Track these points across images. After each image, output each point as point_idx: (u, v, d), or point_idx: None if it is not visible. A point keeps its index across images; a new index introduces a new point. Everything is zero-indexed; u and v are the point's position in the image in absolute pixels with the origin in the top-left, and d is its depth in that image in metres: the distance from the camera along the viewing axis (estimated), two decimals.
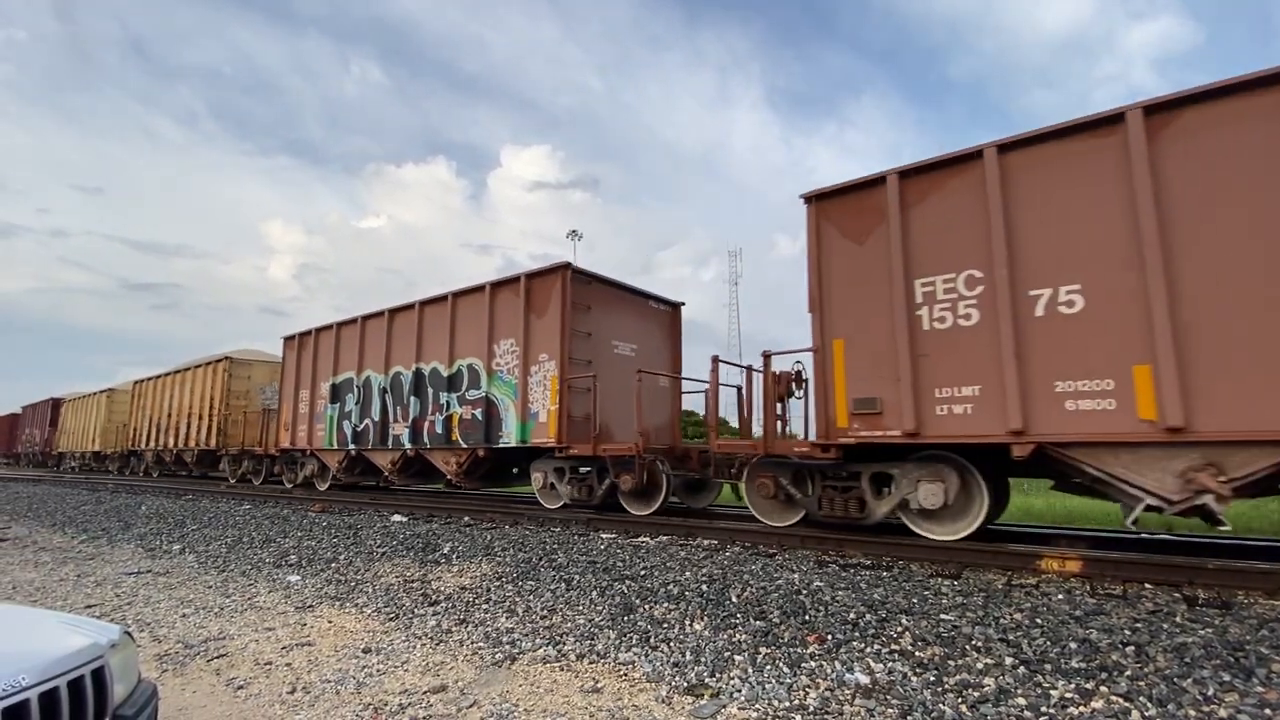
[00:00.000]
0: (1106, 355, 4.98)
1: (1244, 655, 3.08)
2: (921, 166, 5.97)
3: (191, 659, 3.81)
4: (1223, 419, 4.47)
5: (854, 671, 3.16)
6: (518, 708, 2.98)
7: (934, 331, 5.80)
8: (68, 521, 10.31)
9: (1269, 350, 4.33)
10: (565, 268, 9.05)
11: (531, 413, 9.15)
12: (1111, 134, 5.09)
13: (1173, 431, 4.61)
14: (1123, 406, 4.89)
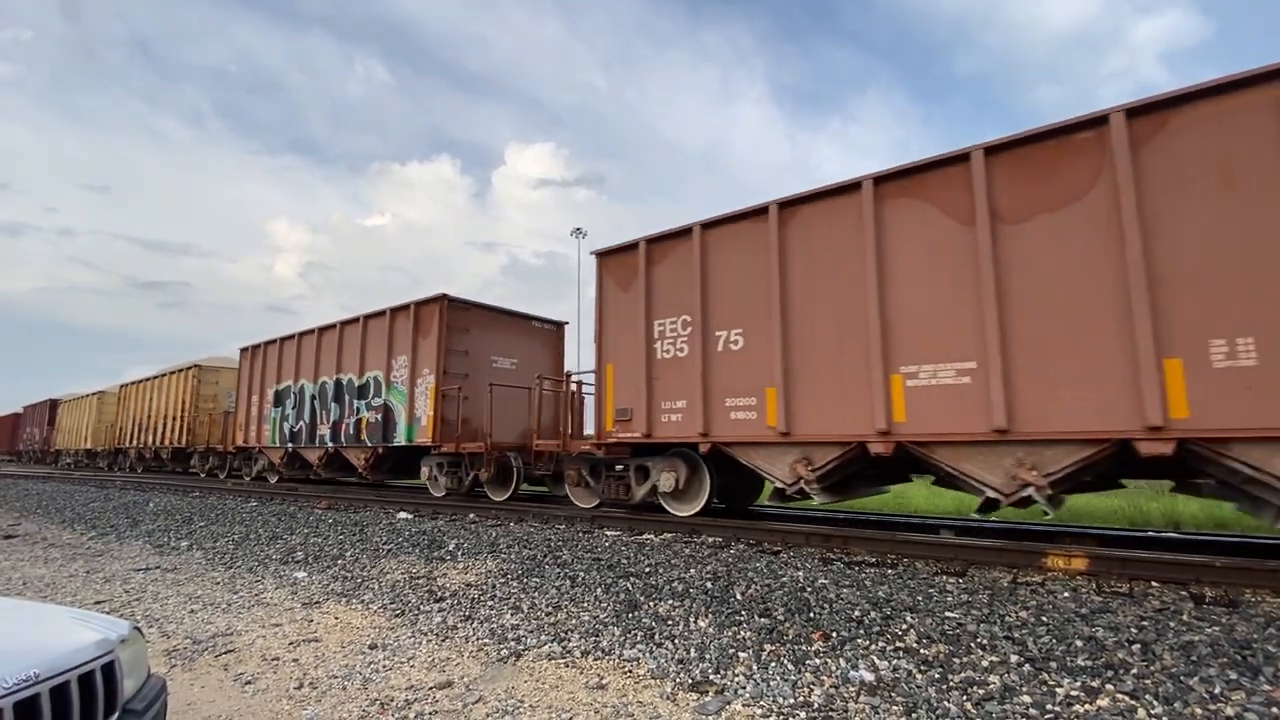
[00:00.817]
0: (753, 380, 6.89)
1: (1251, 653, 3.07)
2: (658, 236, 7.94)
3: (200, 654, 3.84)
4: (810, 428, 6.46)
5: (859, 669, 3.17)
6: (523, 704, 2.99)
7: (663, 360, 7.72)
8: (76, 518, 10.39)
9: (833, 386, 6.33)
10: (443, 298, 11.11)
11: (416, 417, 11.13)
12: (761, 220, 7.01)
13: (784, 435, 6.58)
14: (760, 417, 6.79)
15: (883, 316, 6.05)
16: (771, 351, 6.70)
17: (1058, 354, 5.17)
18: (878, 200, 6.20)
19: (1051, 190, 5.32)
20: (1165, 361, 4.71)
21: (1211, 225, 4.67)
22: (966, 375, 5.57)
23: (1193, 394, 4.61)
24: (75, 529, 9.36)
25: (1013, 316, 5.39)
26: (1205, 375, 4.58)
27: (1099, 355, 4.99)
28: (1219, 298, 4.57)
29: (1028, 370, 5.27)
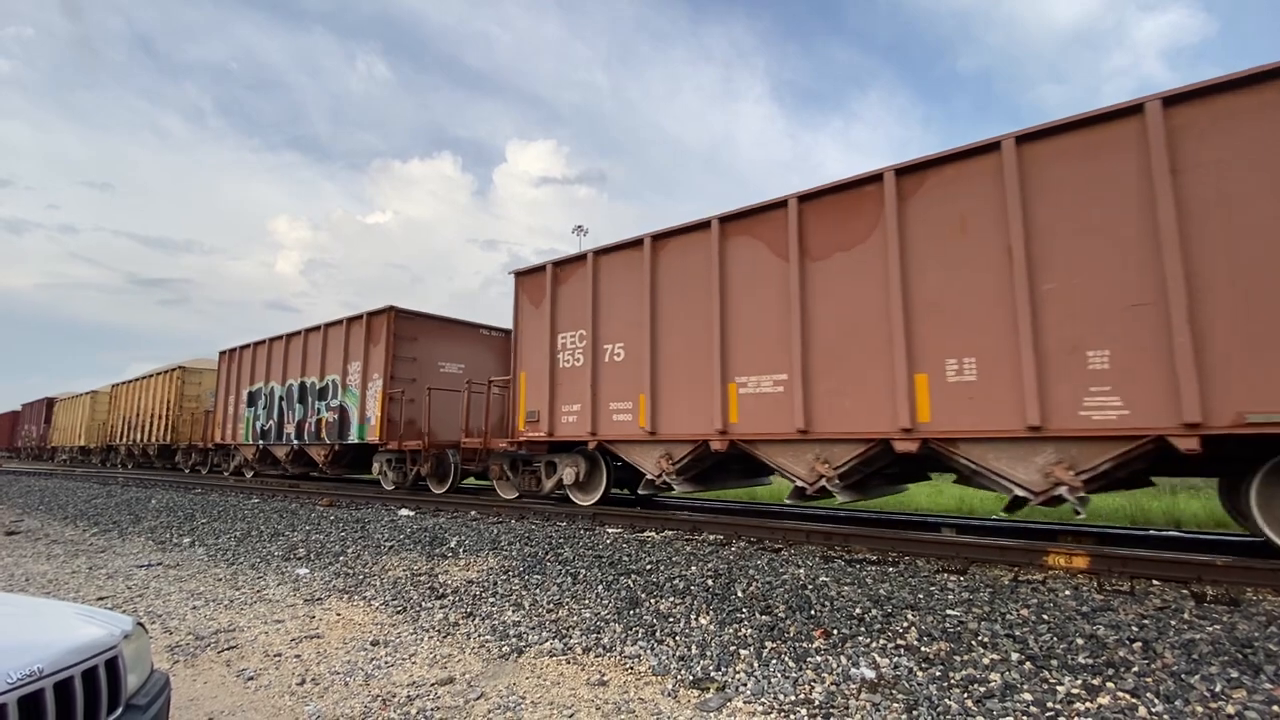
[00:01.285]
0: (630, 388, 7.93)
1: (1252, 652, 3.07)
2: (562, 260, 8.98)
3: (202, 650, 3.86)
4: (671, 428, 7.54)
5: (860, 666, 3.17)
6: (524, 700, 3.00)
7: (564, 369, 8.74)
8: (79, 515, 10.42)
9: (688, 393, 7.35)
10: (390, 310, 12.17)
11: (366, 417, 12.22)
12: (639, 250, 8.05)
13: (651, 434, 7.68)
14: (634, 419, 7.85)
15: (723, 335, 7.13)
16: (644, 363, 7.79)
17: (843, 369, 6.23)
18: (722, 237, 7.25)
19: (846, 233, 6.36)
20: (915, 376, 5.78)
21: (950, 267, 5.71)
22: (780, 385, 6.66)
23: (934, 403, 5.67)
24: (78, 525, 9.39)
25: (813, 337, 6.47)
26: (942, 388, 5.64)
27: (871, 370, 6.04)
28: (953, 326, 5.63)
29: (822, 382, 6.38)
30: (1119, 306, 4.92)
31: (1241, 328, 4.46)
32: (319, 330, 13.70)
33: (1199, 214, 4.66)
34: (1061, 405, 5.07)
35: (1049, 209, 5.30)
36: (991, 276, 5.47)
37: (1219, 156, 4.62)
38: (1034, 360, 5.18)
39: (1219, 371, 4.52)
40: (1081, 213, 5.15)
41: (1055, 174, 5.30)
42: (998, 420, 5.35)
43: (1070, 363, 5.07)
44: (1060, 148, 5.31)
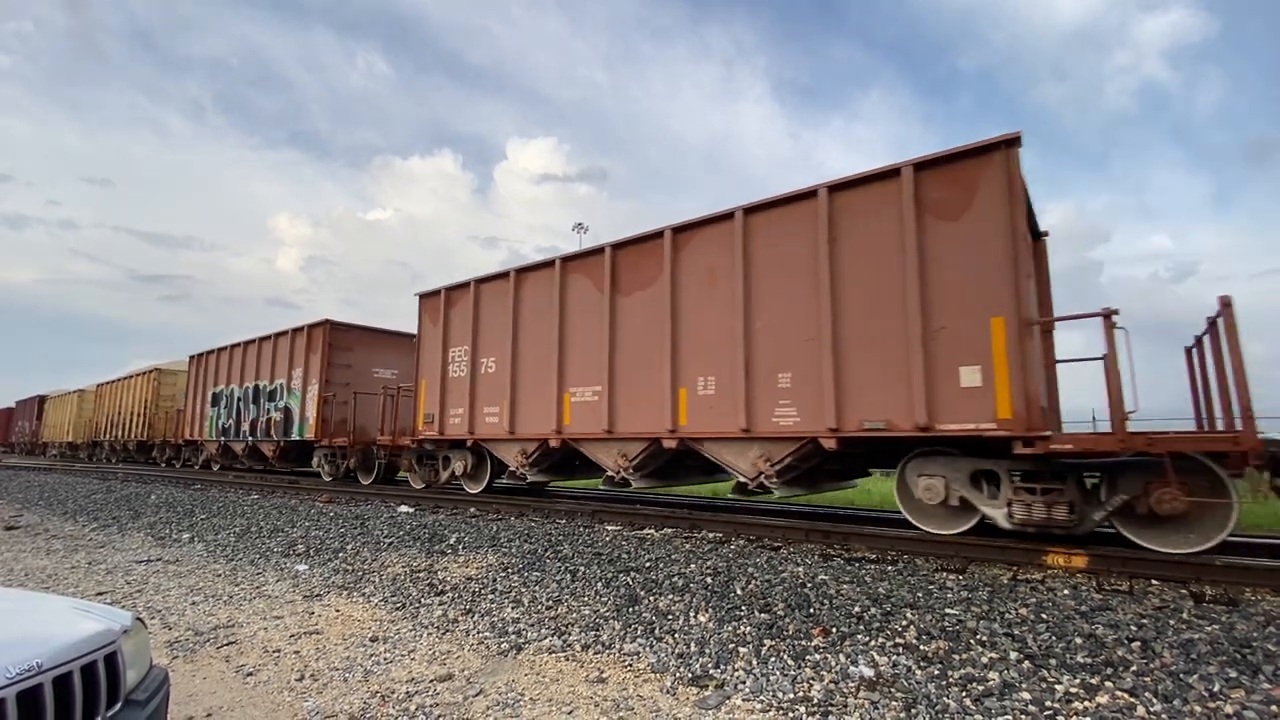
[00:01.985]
0: (498, 395, 9.50)
1: (1250, 652, 3.08)
2: (453, 285, 10.52)
3: (201, 646, 3.86)
4: (524, 429, 9.11)
5: (858, 664, 3.17)
6: (523, 697, 3.00)
7: (453, 378, 10.31)
8: (78, 510, 10.42)
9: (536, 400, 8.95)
10: (326, 323, 13.96)
11: (305, 417, 13.86)
12: (505, 280, 9.64)
13: (510, 433, 9.25)
14: (500, 421, 9.41)
15: (560, 354, 8.71)
16: (507, 375, 9.37)
17: (636, 383, 7.86)
18: (563, 274, 8.87)
19: (643, 275, 7.97)
20: (679, 390, 7.40)
21: (703, 306, 7.34)
22: (597, 395, 8.23)
23: (689, 411, 7.31)
24: (77, 521, 9.39)
25: (619, 357, 8.05)
26: (695, 399, 7.27)
27: (653, 385, 7.63)
28: (703, 351, 7.27)
29: (623, 393, 7.99)
30: (799, 340, 6.51)
31: (862, 359, 6.09)
32: (270, 339, 15.41)
33: (844, 274, 6.29)
34: (762, 414, 6.69)
35: (761, 265, 6.90)
36: (727, 314, 7.07)
37: (851, 232, 6.32)
38: (744, 379, 6.81)
39: (849, 391, 6.13)
40: (781, 268, 6.77)
41: (766, 238, 6.90)
42: (726, 424, 6.94)
43: (769, 382, 6.69)
44: (769, 218, 6.90)
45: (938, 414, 5.64)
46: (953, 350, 5.65)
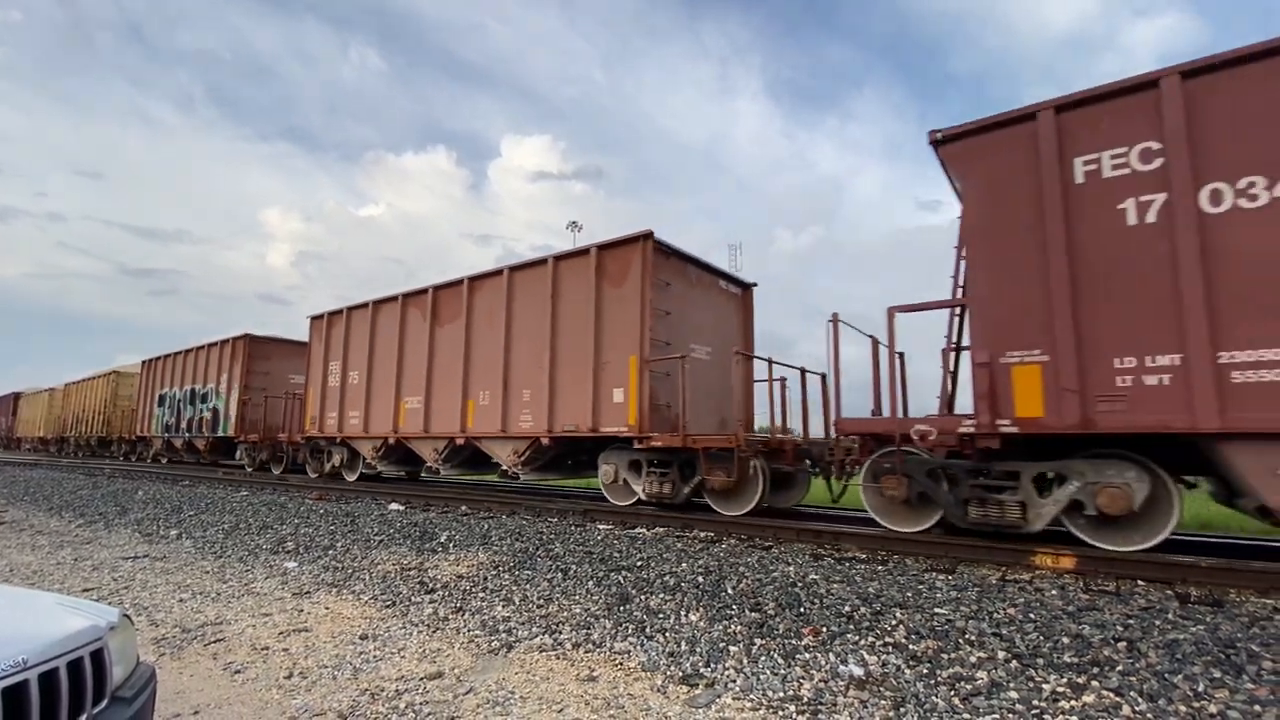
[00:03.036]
0: (360, 401, 11.92)
1: (1235, 652, 3.11)
2: (335, 311, 12.93)
3: (189, 643, 3.83)
4: (375, 429, 11.59)
5: (848, 664, 3.19)
6: (514, 695, 3.00)
7: (330, 386, 12.77)
8: (64, 506, 10.31)
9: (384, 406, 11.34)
10: (246, 336, 16.46)
11: (229, 416, 16.41)
12: (367, 309, 12.10)
13: (366, 432, 11.69)
14: (361, 422, 11.86)
15: (399, 370, 11.20)
16: (364, 385, 11.90)
17: (444, 394, 10.33)
18: (403, 306, 11.41)
19: (452, 312, 10.49)
20: (468, 401, 9.87)
21: (486, 338, 9.84)
22: (420, 403, 10.69)
23: (475, 416, 9.77)
24: (63, 516, 9.30)
25: (434, 374, 10.56)
26: (478, 408, 9.77)
27: (454, 396, 10.09)
28: (484, 372, 9.72)
29: (437, 401, 10.48)
30: (536, 367, 9.00)
31: (566, 382, 8.62)
32: (205, 349, 17.98)
33: (560, 320, 8.83)
34: (513, 419, 9.26)
35: (517, 310, 9.45)
36: (497, 346, 9.56)
37: (564, 291, 8.87)
38: (504, 394, 9.36)
39: (558, 404, 8.68)
40: (527, 313, 9.31)
41: (521, 291, 9.46)
42: (494, 427, 9.42)
43: (518, 396, 9.21)
44: (524, 275, 9.48)
45: (600, 421, 8.20)
46: (611, 377, 8.19)
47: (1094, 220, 5.04)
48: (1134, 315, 4.83)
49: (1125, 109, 5.01)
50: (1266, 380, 4.32)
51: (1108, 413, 4.85)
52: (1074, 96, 5.19)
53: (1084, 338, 4.99)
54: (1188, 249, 4.63)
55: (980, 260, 5.58)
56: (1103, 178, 5.05)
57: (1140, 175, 4.90)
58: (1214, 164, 4.64)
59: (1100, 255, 5.00)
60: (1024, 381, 5.22)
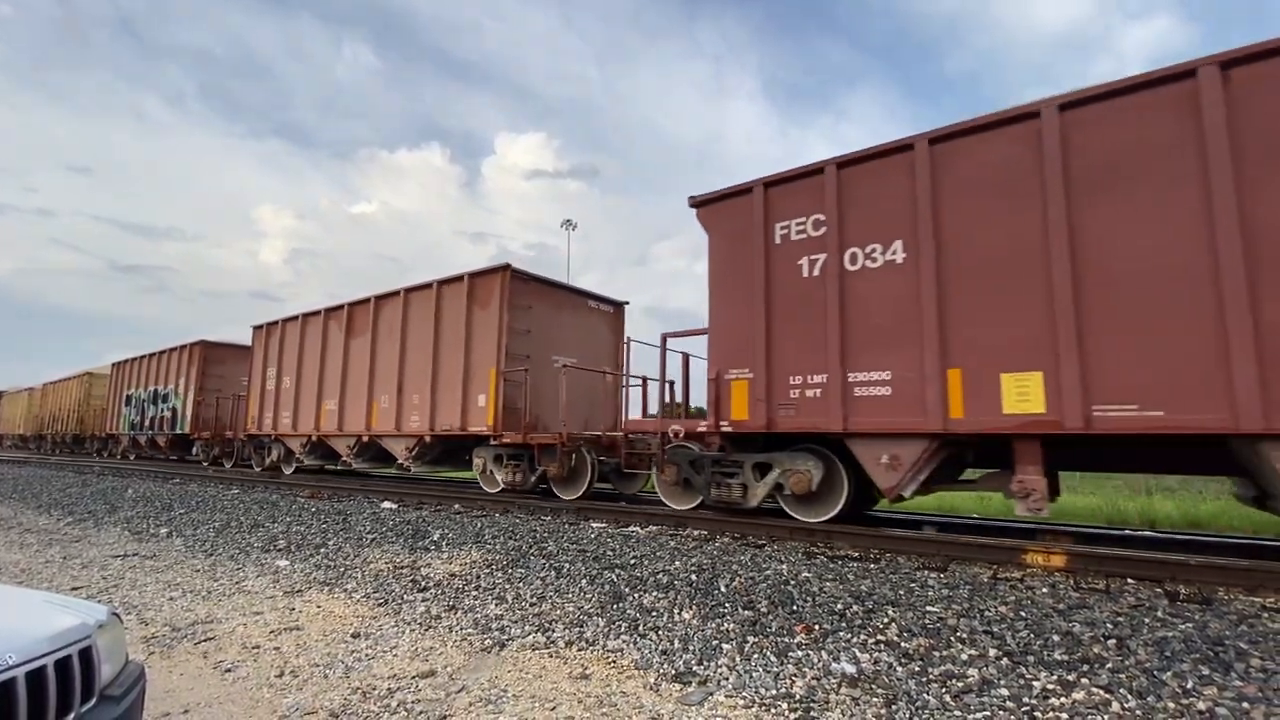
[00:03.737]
0: (290, 403, 13.63)
1: (1223, 650, 3.14)
2: (274, 321, 14.66)
3: (179, 642, 3.80)
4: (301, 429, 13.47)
5: (840, 661, 3.20)
6: (506, 693, 2.99)
7: (268, 390, 14.44)
8: (53, 504, 10.23)
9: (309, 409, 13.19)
10: (201, 342, 18.49)
11: (186, 416, 18.36)
12: (297, 321, 13.88)
13: (294, 430, 13.56)
14: (292, 422, 13.58)
15: (321, 376, 13.05)
16: (294, 390, 13.68)
17: (354, 398, 12.16)
18: (325, 320, 13.19)
19: (361, 325, 12.30)
20: (373, 403, 11.67)
21: (387, 351, 11.56)
22: (335, 405, 12.53)
23: (377, 417, 11.54)
24: (52, 514, 9.22)
25: (348, 381, 12.35)
26: (379, 409, 11.50)
27: (360, 399, 11.95)
28: (383, 380, 11.50)
29: (349, 403, 12.22)
30: (424, 374, 10.72)
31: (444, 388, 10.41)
32: (166, 353, 19.64)
33: (441, 335, 10.60)
34: (405, 419, 10.97)
35: (413, 326, 11.18)
36: (395, 356, 11.33)
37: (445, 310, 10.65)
38: (398, 397, 11.09)
39: (438, 406, 10.44)
40: (418, 327, 11.07)
41: (415, 308, 11.24)
42: (391, 426, 11.17)
43: (410, 400, 10.99)
44: (415, 296, 11.26)
45: (468, 421, 9.93)
46: (476, 385, 9.90)
47: (783, 272, 6.60)
48: (802, 345, 6.39)
49: (805, 188, 6.52)
50: (871, 394, 5.96)
51: (784, 416, 6.46)
52: (775, 176, 6.75)
53: (772, 361, 6.57)
54: (833, 296, 6.22)
55: (716, 298, 7.09)
56: (790, 240, 6.60)
57: (812, 239, 6.46)
58: (853, 233, 6.21)
59: (784, 299, 6.58)
60: (737, 392, 6.80)
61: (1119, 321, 4.89)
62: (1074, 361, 4.98)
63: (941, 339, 5.61)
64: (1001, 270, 5.41)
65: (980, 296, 5.50)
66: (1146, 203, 4.86)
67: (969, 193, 5.63)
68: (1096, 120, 5.12)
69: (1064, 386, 4.99)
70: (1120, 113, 5.03)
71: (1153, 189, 4.85)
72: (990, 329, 5.42)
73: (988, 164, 5.55)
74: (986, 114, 5.60)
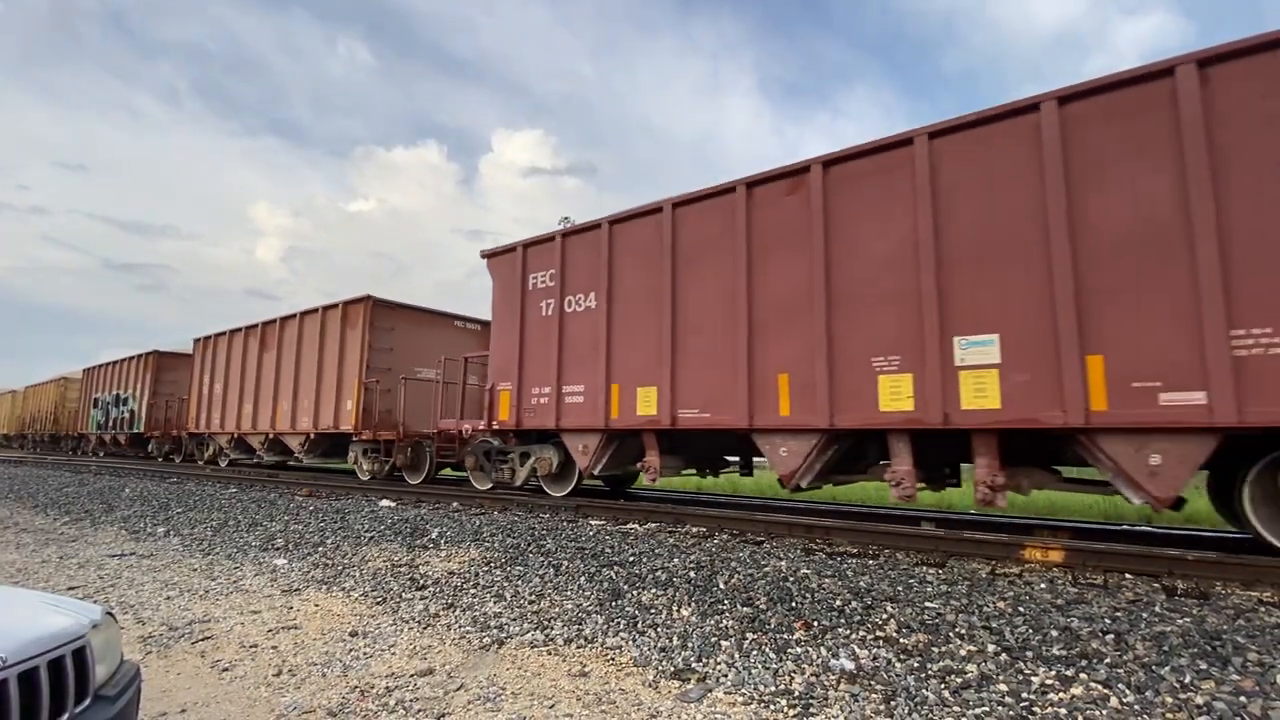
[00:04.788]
0: (221, 403, 16.22)
1: (1221, 644, 3.14)
2: (209, 335, 17.11)
3: (176, 641, 3.79)
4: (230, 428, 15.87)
5: (839, 657, 3.19)
6: (505, 691, 2.99)
7: (209, 394, 16.66)
8: (50, 503, 10.20)
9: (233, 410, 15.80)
10: (154, 352, 20.57)
11: (141, 416, 20.44)
12: (239, 334, 16.02)
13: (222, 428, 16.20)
14: (223, 422, 16.10)
15: (241, 385, 15.40)
16: (223, 394, 16.06)
17: (265, 400, 14.50)
18: (246, 336, 15.53)
19: (272, 341, 14.55)
20: (277, 406, 14.18)
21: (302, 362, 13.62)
22: (252, 407, 14.89)
23: (279, 417, 14.12)
24: (48, 514, 9.19)
25: (261, 386, 14.69)
26: (280, 412, 14.13)
27: (268, 402, 14.40)
28: (286, 387, 13.95)
29: (260, 406, 14.61)
30: (312, 383, 13.09)
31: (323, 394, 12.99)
32: (125, 361, 21.84)
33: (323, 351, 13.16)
34: (299, 419, 13.41)
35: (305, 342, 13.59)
36: (292, 367, 13.77)
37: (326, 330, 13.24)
38: (293, 400, 13.51)
39: (320, 408, 12.94)
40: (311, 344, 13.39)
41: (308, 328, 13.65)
42: (289, 425, 13.66)
43: (304, 402, 13.18)
44: (309, 318, 13.60)
45: (340, 422, 12.42)
46: (346, 392, 12.36)
47: (532, 311, 8.86)
48: (539, 365, 8.64)
49: (547, 250, 8.78)
50: (574, 402, 8.21)
51: (528, 418, 8.71)
52: (530, 240, 9.05)
53: (523, 377, 8.82)
54: (556, 330, 8.51)
55: (494, 328, 9.44)
56: (537, 287, 8.85)
57: (549, 288, 8.70)
58: (571, 285, 8.46)
59: (531, 331, 8.82)
60: (504, 399, 9.01)
61: (692, 357, 7.17)
62: (669, 381, 7.27)
63: (609, 363, 7.88)
64: (640, 316, 7.67)
65: (630, 334, 7.76)
66: (707, 272, 7.16)
67: (629, 260, 7.89)
68: (695, 215, 7.35)
69: (668, 397, 7.26)
70: (704, 211, 7.31)
71: (712, 266, 7.11)
72: (633, 357, 7.67)
73: (639, 239, 7.82)
74: (641, 205, 7.87)
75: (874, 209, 6.00)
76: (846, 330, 6.04)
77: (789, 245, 6.52)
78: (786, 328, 6.44)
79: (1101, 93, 4.99)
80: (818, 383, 6.14)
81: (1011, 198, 5.29)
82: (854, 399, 5.94)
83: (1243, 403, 4.31)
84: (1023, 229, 5.22)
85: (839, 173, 6.28)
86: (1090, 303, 4.87)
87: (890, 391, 5.74)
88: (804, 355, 6.28)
